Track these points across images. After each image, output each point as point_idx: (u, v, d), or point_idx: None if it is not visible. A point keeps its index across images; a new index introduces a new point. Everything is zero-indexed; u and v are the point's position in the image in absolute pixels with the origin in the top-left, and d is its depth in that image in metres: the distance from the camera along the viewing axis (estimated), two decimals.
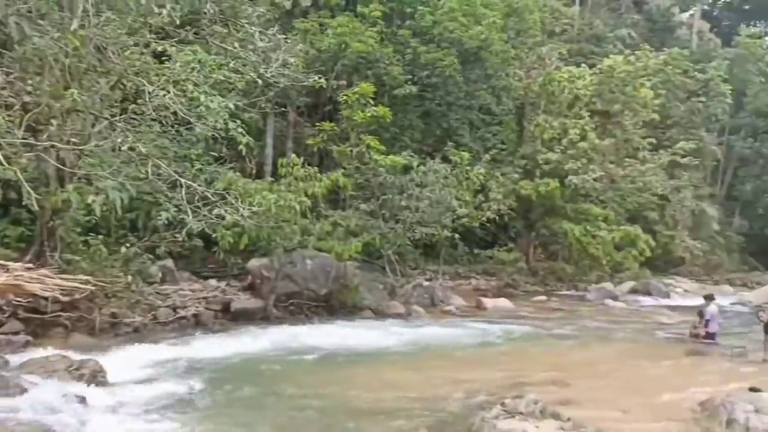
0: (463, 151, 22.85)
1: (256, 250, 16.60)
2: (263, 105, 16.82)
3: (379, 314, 17.04)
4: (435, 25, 27.01)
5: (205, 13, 12.49)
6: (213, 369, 10.35)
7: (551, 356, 12.87)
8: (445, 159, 22.08)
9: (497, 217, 23.82)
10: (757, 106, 43.78)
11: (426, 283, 21.26)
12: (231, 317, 14.99)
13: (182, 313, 14.32)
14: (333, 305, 16.79)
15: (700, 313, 14.60)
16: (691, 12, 50.92)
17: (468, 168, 21.68)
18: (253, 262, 16.36)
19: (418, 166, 20.20)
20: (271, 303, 15.57)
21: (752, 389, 7.88)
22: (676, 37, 46.15)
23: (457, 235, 22.06)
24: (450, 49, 26.97)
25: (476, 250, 28.37)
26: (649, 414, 7.99)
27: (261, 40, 12.84)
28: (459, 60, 27.21)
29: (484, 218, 23.00)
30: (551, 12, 33.44)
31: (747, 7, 57.05)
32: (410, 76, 26.26)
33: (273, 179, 18.66)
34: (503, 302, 20.74)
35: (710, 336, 14.12)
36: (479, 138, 29.16)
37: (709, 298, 14.97)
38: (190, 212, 10.35)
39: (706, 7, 54.72)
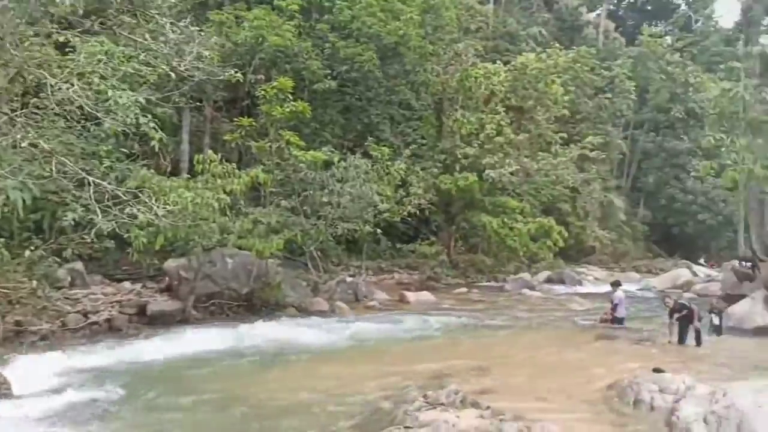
0: (384, 146, 23.01)
1: (173, 250, 16.05)
2: (177, 99, 16.24)
3: (303, 311, 16.91)
4: (353, 19, 27.02)
5: (111, 3, 11.90)
6: (128, 375, 9.92)
7: (472, 347, 13.19)
8: (366, 154, 22.16)
9: (418, 212, 24.17)
10: (658, 102, 46.54)
11: (349, 279, 21.31)
12: (147, 320, 14.44)
13: (94, 318, 13.65)
14: (255, 304, 16.52)
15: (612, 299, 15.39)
16: (597, 12, 53.45)
17: (388, 163, 21.84)
18: (170, 263, 15.80)
19: (338, 161, 20.14)
20: (190, 304, 15.11)
21: (656, 370, 8.36)
22: (584, 36, 48.31)
23: (379, 230, 22.20)
24: (369, 44, 27.05)
25: (399, 245, 28.69)
26: (563, 398, 8.32)
27: (173, 31, 12.36)
28: (378, 55, 27.35)
29: (405, 213, 23.29)
30: (467, 9, 34.25)
31: (649, 7, 60.48)
32: (329, 71, 26.16)
33: (190, 176, 18.08)
34: (426, 295, 21.07)
35: (618, 320, 14.90)
36: (400, 133, 29.46)
37: (615, 284, 15.76)
38: (99, 212, 9.83)
39: (611, 8, 57.58)
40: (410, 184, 24.61)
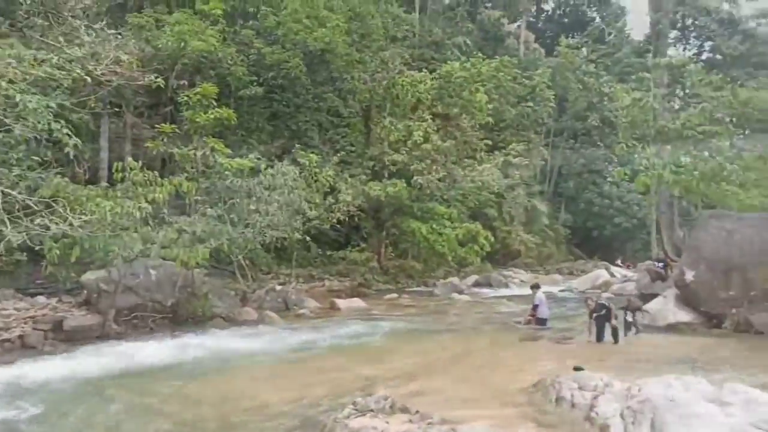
0: (312, 153, 22.89)
1: (91, 262, 15.34)
2: (94, 105, 15.58)
3: (231, 322, 16.56)
4: (279, 25, 26.85)
5: (21, 4, 11.33)
6: (44, 393, 9.40)
7: (403, 352, 13.26)
8: (294, 161, 21.96)
9: (348, 218, 24.16)
10: (576, 110, 48.56)
11: (279, 287, 21.05)
12: (64, 336, 13.71)
13: (6, 335, 12.88)
14: (181, 316, 16.04)
15: None
16: (518, 23, 55.21)
17: (317, 170, 21.73)
18: (89, 276, 15.11)
19: (265, 168, 19.85)
20: (110, 318, 14.49)
21: (576, 368, 8.69)
22: (506, 46, 49.83)
23: (309, 238, 22.02)
24: (295, 50, 26.91)
25: (329, 252, 28.62)
26: (490, 399, 8.50)
27: (88, 34, 11.91)
28: (305, 62, 27.26)
29: (335, 220, 23.22)
30: (393, 18, 34.59)
31: (566, 20, 63.05)
32: (256, 78, 25.85)
33: (109, 185, 17.38)
34: (356, 302, 21.08)
35: (541, 321, 15.41)
36: (328, 140, 29.46)
37: (535, 287, 16.34)
38: (8, 223, 9.31)
39: (531, 19, 59.66)
40: (339, 191, 24.59)
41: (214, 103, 19.71)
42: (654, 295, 17.80)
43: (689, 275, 15.71)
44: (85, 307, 15.04)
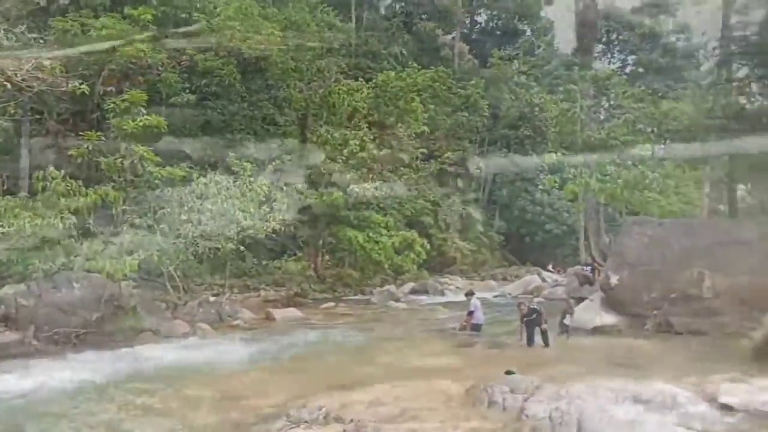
0: (247, 161, 22.54)
1: (9, 275, 14.60)
2: (13, 111, 14.88)
3: (161, 335, 16.03)
4: (212, 32, 26.36)
5: None
6: None
7: (338, 361, 13.21)
8: (228, 170, 21.58)
9: (284, 228, 23.86)
10: (509, 120, 49.83)
11: (213, 299, 20.58)
12: None
13: None
14: (107, 330, 15.39)
15: None
16: (452, 35, 56.23)
17: (251, 179, 21.41)
18: (6, 290, 14.34)
19: (198, 177, 19.42)
20: (30, 334, 13.77)
21: (507, 372, 8.89)
22: (441, 56, 50.58)
23: (243, 248, 21.63)
24: (229, 58, 26.51)
25: (265, 261, 28.21)
26: (423, 406, 8.54)
27: (7, 38, 11.38)
28: (239, 69, 26.87)
29: (270, 229, 22.88)
30: (329, 27, 34.60)
31: (498, 33, 64.71)
32: (188, 85, 25.29)
33: (29, 195, 16.60)
34: (292, 312, 20.85)
35: (476, 327, 15.68)
36: (264, 148, 29.06)
37: (469, 294, 16.66)
38: None
39: (465, 31, 60.84)
40: (274, 200, 24.26)
41: (144, 111, 19.14)
42: (582, 299, 18.41)
43: (614, 279, 16.34)
44: (2, 323, 14.24)
